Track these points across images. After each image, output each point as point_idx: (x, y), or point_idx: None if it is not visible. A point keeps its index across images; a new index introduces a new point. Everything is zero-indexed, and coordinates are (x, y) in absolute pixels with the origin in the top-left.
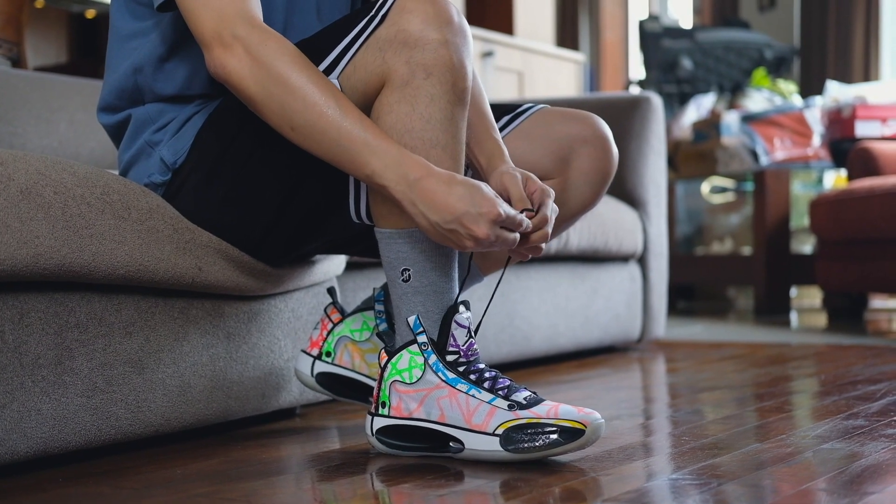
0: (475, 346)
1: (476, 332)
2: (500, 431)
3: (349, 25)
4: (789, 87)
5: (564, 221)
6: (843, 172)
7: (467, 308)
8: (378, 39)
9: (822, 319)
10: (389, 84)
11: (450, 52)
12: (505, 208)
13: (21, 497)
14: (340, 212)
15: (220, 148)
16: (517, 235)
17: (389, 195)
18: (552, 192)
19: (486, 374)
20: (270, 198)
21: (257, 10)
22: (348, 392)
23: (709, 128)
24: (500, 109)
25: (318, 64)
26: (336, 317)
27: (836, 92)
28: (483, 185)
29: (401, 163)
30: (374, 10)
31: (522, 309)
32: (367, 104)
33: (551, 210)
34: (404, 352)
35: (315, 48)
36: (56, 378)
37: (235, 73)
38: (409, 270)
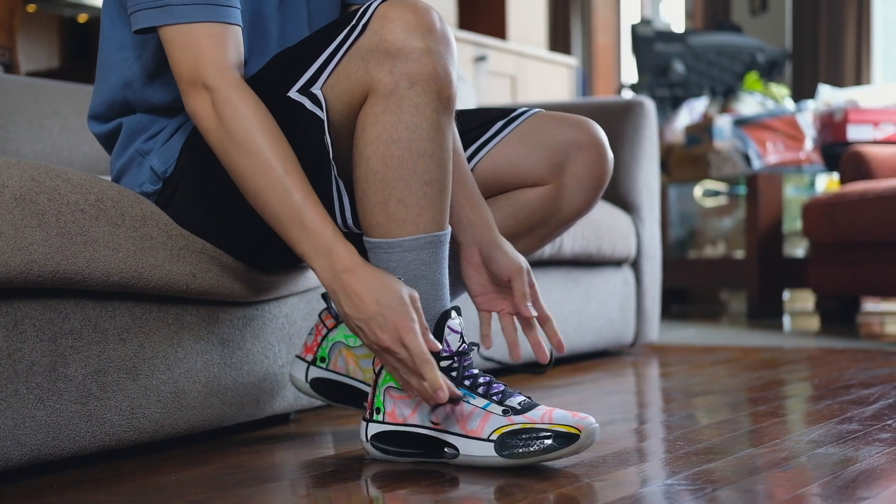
0: (470, 355)
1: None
2: (494, 437)
3: (330, 35)
4: (781, 91)
5: (559, 227)
6: (836, 176)
7: (458, 314)
8: (360, 49)
9: (814, 323)
10: (374, 94)
11: (433, 61)
12: (417, 337)
13: None
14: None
15: (208, 158)
16: (425, 386)
17: (319, 279)
18: (523, 268)
19: (481, 380)
20: None
21: (235, 57)
22: (343, 398)
23: (701, 132)
24: (494, 114)
25: (300, 75)
26: (330, 322)
27: (828, 96)
28: (409, 297)
29: (330, 251)
30: (354, 20)
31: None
32: (351, 115)
33: (525, 285)
34: None
35: (297, 59)
36: (50, 385)
37: (201, 123)
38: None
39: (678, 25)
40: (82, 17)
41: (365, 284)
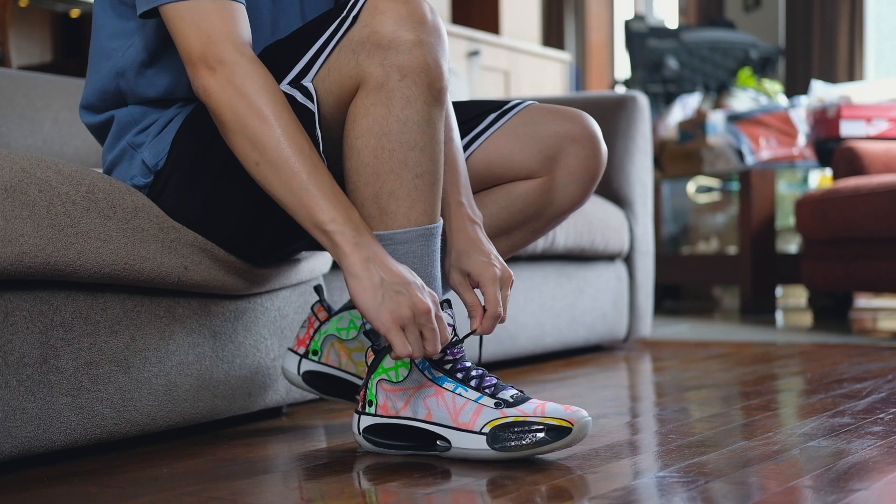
0: (463, 346)
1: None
2: (486, 430)
3: (321, 28)
4: (774, 87)
5: (552, 220)
6: (829, 172)
7: (450, 306)
8: (351, 41)
9: (807, 318)
10: (364, 86)
11: (424, 53)
12: (439, 311)
13: (6, 497)
14: None
15: (199, 149)
16: (439, 344)
17: (338, 247)
18: (496, 278)
19: (473, 373)
20: (251, 198)
21: (246, 33)
22: (335, 391)
23: (694, 127)
24: (487, 106)
25: (291, 68)
26: (323, 315)
27: (821, 92)
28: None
29: (361, 224)
30: (345, 11)
31: (508, 307)
32: (342, 107)
33: (496, 295)
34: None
35: (287, 51)
36: (41, 377)
37: (215, 98)
38: None
39: (671, 21)
40: (74, 12)
41: (389, 255)
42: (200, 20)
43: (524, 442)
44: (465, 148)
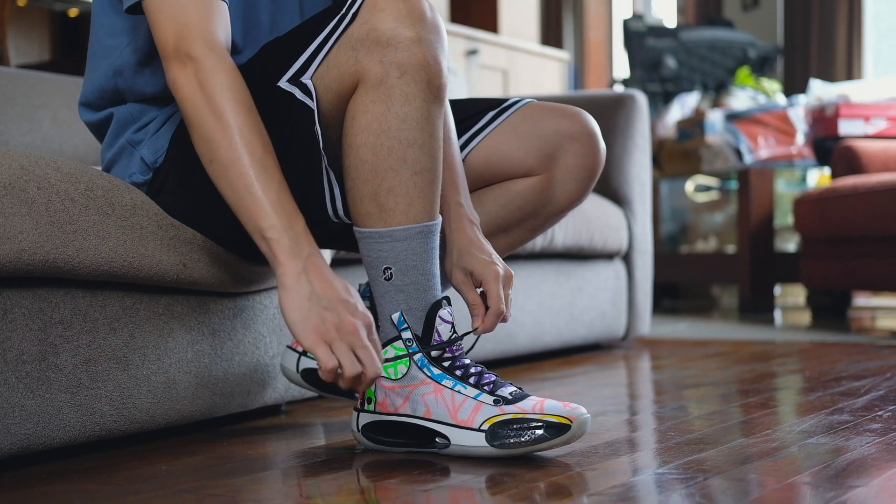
0: (461, 343)
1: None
2: (485, 427)
3: (320, 24)
4: (773, 86)
5: (551, 218)
6: (827, 171)
7: (449, 303)
8: (350, 38)
9: (805, 317)
10: (363, 84)
11: (423, 50)
12: (375, 332)
13: (4, 494)
14: (318, 210)
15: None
16: (378, 367)
17: (273, 256)
18: (498, 276)
19: (472, 370)
20: None
21: (221, 31)
22: (333, 388)
23: (693, 126)
24: (486, 104)
25: (290, 64)
26: None
27: (820, 90)
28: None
29: (302, 234)
30: (344, 8)
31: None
32: (341, 104)
33: (500, 293)
34: (389, 347)
35: (287, 48)
36: (40, 374)
37: (180, 92)
38: (390, 269)
39: (670, 20)
40: (73, 12)
41: (331, 273)
42: (177, 15)
43: (523, 439)
44: (465, 146)
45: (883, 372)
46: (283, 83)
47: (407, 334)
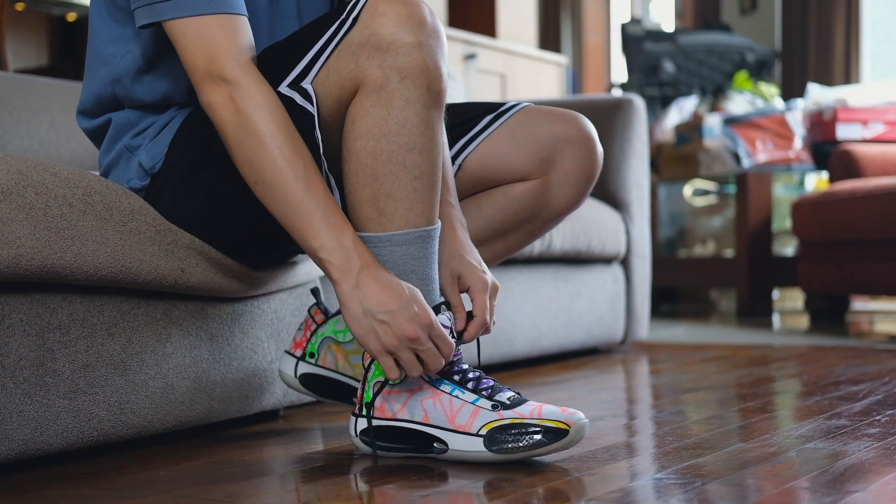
0: (458, 348)
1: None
2: (483, 432)
3: (320, 29)
4: (771, 90)
5: (548, 222)
6: (825, 175)
7: (448, 308)
8: (350, 43)
9: (804, 321)
10: (364, 88)
11: (424, 55)
12: (438, 324)
13: (2, 499)
14: None
15: (197, 152)
16: (441, 361)
17: (329, 276)
18: (486, 286)
19: (470, 375)
20: (248, 200)
21: (249, 47)
22: (332, 393)
23: (691, 130)
24: (483, 108)
25: (290, 70)
26: (320, 318)
27: (818, 94)
28: (419, 292)
29: (352, 247)
30: (344, 13)
31: (505, 310)
32: (341, 109)
33: (486, 303)
34: None
35: (287, 54)
36: (38, 380)
37: (218, 115)
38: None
39: (668, 25)
40: (71, 16)
41: (387, 279)
42: (203, 35)
43: (521, 444)
44: (462, 150)
45: (881, 376)
46: (283, 88)
47: None
